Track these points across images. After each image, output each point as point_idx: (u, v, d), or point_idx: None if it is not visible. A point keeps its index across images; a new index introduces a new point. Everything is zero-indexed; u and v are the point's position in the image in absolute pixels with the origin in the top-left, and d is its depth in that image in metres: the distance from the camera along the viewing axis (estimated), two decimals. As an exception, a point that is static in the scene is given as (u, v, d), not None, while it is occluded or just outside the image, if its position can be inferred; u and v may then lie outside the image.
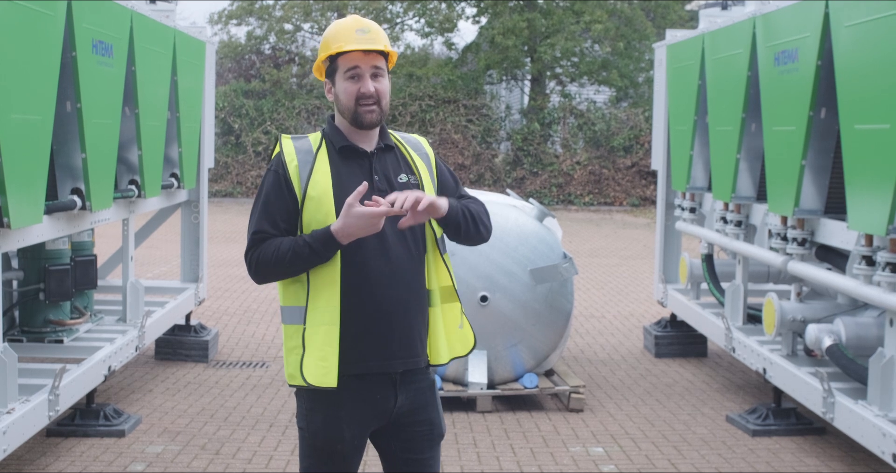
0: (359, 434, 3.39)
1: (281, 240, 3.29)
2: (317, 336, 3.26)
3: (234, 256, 14.88)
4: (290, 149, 3.38)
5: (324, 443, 3.37)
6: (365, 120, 3.35)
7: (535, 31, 24.32)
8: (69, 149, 5.76)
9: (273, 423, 6.62)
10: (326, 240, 3.22)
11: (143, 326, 6.95)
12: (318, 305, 3.28)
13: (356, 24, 3.38)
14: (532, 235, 6.99)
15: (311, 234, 3.24)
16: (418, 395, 3.42)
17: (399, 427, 3.43)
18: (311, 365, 3.26)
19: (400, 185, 3.38)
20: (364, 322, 3.31)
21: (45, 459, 5.81)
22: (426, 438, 3.46)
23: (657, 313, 10.36)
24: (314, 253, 3.23)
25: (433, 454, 3.50)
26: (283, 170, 3.33)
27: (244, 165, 23.93)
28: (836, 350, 5.76)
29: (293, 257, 3.23)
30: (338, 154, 3.38)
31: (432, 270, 3.43)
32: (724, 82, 7.38)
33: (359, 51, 3.34)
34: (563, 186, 23.92)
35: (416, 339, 3.38)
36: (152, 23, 7.05)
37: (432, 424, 3.47)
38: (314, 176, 3.31)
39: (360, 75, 3.35)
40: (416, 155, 3.50)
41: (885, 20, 4.97)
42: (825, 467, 5.90)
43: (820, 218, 6.05)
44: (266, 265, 3.29)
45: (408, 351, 3.36)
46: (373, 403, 3.36)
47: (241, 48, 26.15)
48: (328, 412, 3.35)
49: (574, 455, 6.08)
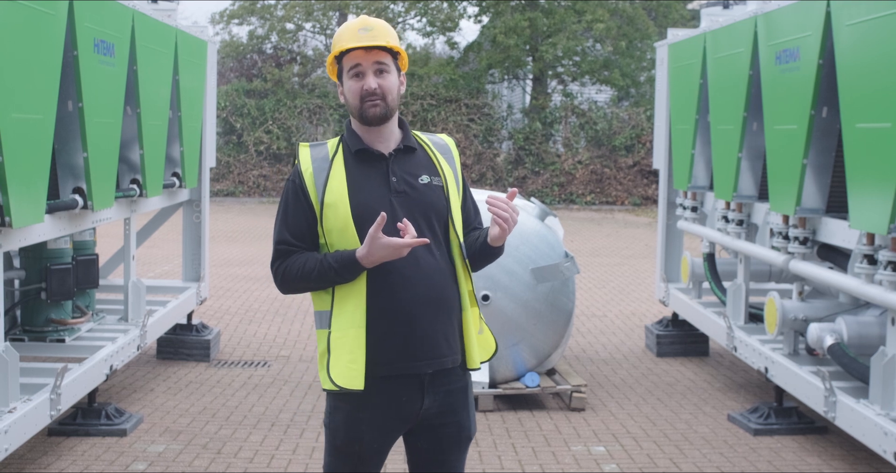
0: (380, 437, 3.39)
1: (306, 258, 3.31)
2: (345, 339, 3.28)
3: (235, 256, 14.89)
4: (307, 157, 3.39)
5: (343, 443, 3.39)
6: (369, 114, 3.35)
7: (537, 31, 24.31)
8: (71, 149, 5.76)
9: (275, 422, 6.62)
10: (352, 266, 3.26)
11: (145, 325, 6.96)
12: (346, 309, 3.30)
13: (360, 23, 3.38)
14: (533, 234, 6.98)
15: (336, 257, 3.26)
16: (447, 397, 3.41)
17: (427, 427, 3.43)
18: (341, 367, 3.27)
19: (422, 186, 3.38)
20: (389, 324, 3.31)
21: (46, 458, 5.82)
22: (453, 440, 3.46)
23: (659, 312, 10.36)
24: (339, 276, 3.28)
25: (458, 456, 3.50)
26: (300, 180, 3.35)
27: (246, 165, 23.94)
28: (837, 349, 5.76)
29: (318, 277, 3.29)
30: (354, 158, 3.38)
31: (460, 274, 3.43)
32: (725, 81, 7.38)
33: (360, 49, 3.34)
34: (564, 185, 23.91)
35: (440, 340, 3.36)
36: (154, 22, 7.05)
37: (460, 426, 3.46)
38: (330, 182, 3.32)
39: (363, 73, 3.36)
40: (442, 157, 3.49)
41: (887, 19, 4.97)
42: (827, 466, 5.90)
43: (821, 217, 6.05)
44: (291, 281, 3.36)
45: (433, 352, 3.35)
46: (398, 406, 3.36)
47: (242, 48, 26.16)
48: (350, 413, 3.36)
49: (576, 455, 6.08)
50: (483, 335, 3.51)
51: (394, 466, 5.68)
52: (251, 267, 13.73)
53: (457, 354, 3.42)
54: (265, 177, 23.97)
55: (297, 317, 10.25)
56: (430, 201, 3.38)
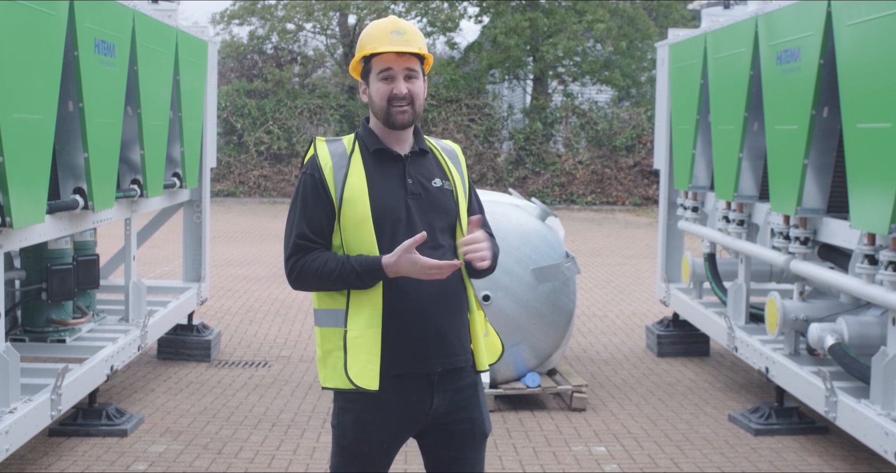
0: (388, 439, 3.38)
1: (327, 257, 3.29)
2: (363, 338, 3.27)
3: (236, 256, 14.89)
4: (325, 152, 3.37)
5: (351, 444, 3.38)
6: (397, 120, 3.34)
7: (538, 31, 24.32)
8: (71, 149, 5.76)
9: (275, 423, 6.62)
10: (375, 273, 3.25)
11: (146, 326, 6.95)
12: (363, 308, 3.29)
13: (392, 25, 3.35)
14: (534, 234, 6.98)
15: (361, 262, 3.25)
16: (457, 395, 3.41)
17: (440, 426, 3.41)
18: (358, 366, 3.26)
19: (435, 189, 3.38)
20: (404, 323, 3.31)
21: (47, 459, 5.82)
22: (467, 436, 3.44)
23: (659, 312, 10.36)
24: (360, 280, 3.26)
25: (475, 453, 3.48)
26: (319, 174, 3.33)
27: (246, 165, 23.93)
28: (838, 349, 5.75)
29: (338, 278, 3.27)
30: (371, 157, 3.37)
31: (465, 277, 3.44)
32: (726, 81, 7.37)
33: (393, 53, 3.32)
34: (565, 186, 23.91)
35: (453, 339, 3.36)
36: (154, 22, 7.05)
37: (473, 423, 3.45)
38: (349, 179, 3.31)
39: (393, 77, 3.34)
40: (451, 162, 3.50)
41: (887, 19, 4.97)
42: (828, 466, 5.90)
43: (822, 217, 6.05)
44: (308, 278, 3.32)
45: (444, 351, 3.35)
46: (407, 407, 3.35)
47: (243, 48, 26.16)
48: (360, 414, 3.35)
49: (576, 455, 6.08)
50: (489, 337, 3.51)
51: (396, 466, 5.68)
52: (252, 268, 13.73)
53: (468, 353, 3.43)
54: (266, 177, 23.97)
55: (298, 318, 10.25)
56: (443, 204, 3.40)
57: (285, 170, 23.94)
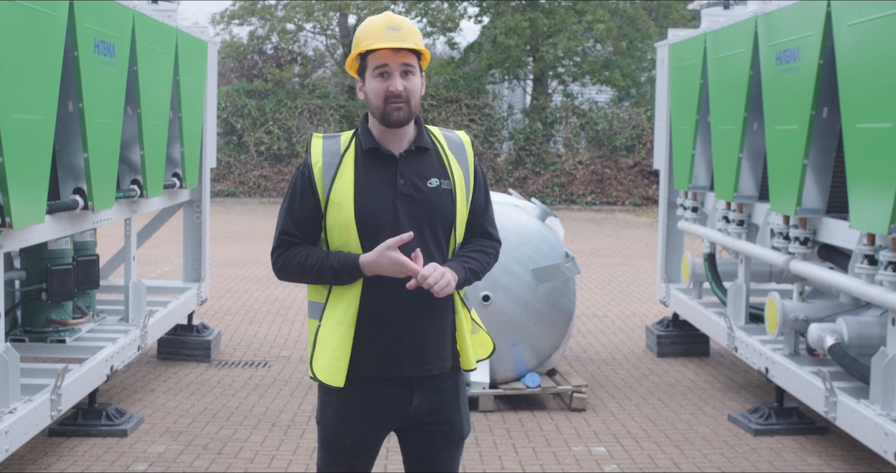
0: (370, 432, 3.39)
1: (308, 253, 3.31)
2: (333, 335, 3.28)
3: (236, 256, 14.89)
4: (318, 150, 3.36)
5: (334, 438, 3.39)
6: (393, 117, 3.30)
7: (538, 31, 24.32)
8: (71, 149, 5.76)
9: (275, 423, 6.62)
10: (352, 271, 3.25)
11: (146, 326, 6.96)
12: (339, 306, 3.30)
13: (388, 21, 3.31)
14: (534, 235, 6.98)
15: (339, 259, 3.26)
16: (437, 396, 3.40)
17: (418, 426, 3.42)
18: (324, 362, 3.27)
19: (429, 190, 3.33)
20: (378, 327, 3.30)
21: (47, 459, 5.82)
22: (445, 438, 3.44)
23: (659, 312, 10.36)
24: (336, 278, 3.27)
25: (452, 454, 3.48)
26: (309, 172, 3.33)
27: (246, 165, 23.94)
28: (838, 349, 5.76)
29: (316, 274, 3.29)
30: (364, 156, 3.34)
31: None
32: (725, 81, 7.38)
33: (388, 49, 3.29)
34: (565, 186, 23.91)
35: (429, 347, 3.34)
36: (154, 23, 7.05)
37: (452, 425, 3.44)
38: (338, 179, 3.30)
39: (389, 73, 3.30)
40: (455, 157, 3.43)
41: (887, 19, 4.97)
42: (827, 466, 5.90)
43: (822, 217, 6.05)
44: (290, 272, 3.36)
45: (418, 358, 3.33)
46: (387, 403, 3.36)
47: (243, 48, 26.15)
48: (340, 408, 3.37)
49: (576, 455, 6.08)
50: (478, 335, 3.49)
51: (394, 466, 5.69)
52: (252, 268, 13.73)
53: (445, 361, 3.40)
54: (266, 177, 23.97)
55: (298, 318, 10.25)
56: (436, 206, 3.34)
57: (285, 170, 23.94)
